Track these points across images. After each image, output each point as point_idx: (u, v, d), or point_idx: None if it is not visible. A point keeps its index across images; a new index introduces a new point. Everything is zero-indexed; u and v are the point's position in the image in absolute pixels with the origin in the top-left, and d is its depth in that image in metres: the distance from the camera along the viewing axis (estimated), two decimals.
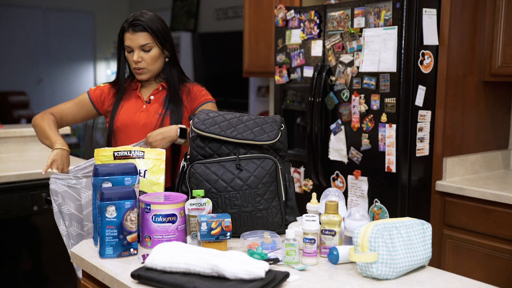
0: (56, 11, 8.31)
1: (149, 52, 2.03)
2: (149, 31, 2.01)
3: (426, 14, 2.51)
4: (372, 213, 2.63)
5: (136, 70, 2.06)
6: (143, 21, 2.01)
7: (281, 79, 3.09)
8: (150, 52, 2.03)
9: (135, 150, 1.72)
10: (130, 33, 2.02)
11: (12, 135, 3.31)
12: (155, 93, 2.12)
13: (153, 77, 2.12)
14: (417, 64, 2.52)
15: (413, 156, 2.56)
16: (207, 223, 1.47)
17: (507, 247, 2.36)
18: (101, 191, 1.47)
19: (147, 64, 2.04)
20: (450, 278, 1.39)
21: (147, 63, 2.04)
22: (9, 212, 2.71)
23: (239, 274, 1.26)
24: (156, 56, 2.05)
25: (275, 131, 1.72)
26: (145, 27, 2.00)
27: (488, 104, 2.81)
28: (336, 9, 2.77)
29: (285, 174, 1.74)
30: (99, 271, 1.45)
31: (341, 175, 2.79)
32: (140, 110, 2.09)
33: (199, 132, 1.71)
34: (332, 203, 1.52)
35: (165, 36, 2.06)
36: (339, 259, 1.45)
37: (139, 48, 2.02)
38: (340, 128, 2.76)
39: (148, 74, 2.07)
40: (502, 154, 2.92)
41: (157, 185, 1.72)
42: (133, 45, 2.02)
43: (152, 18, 2.04)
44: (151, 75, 2.09)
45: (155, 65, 2.07)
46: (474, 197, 2.47)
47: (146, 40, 2.01)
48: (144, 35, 2.01)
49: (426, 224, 1.49)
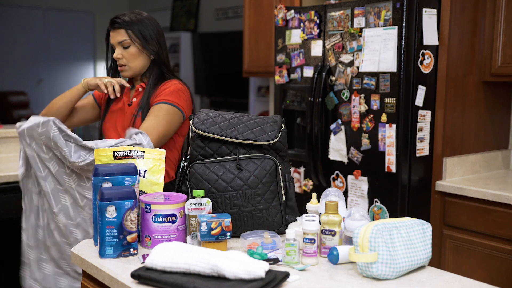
0: (56, 11, 8.31)
1: (127, 49, 2.06)
2: (126, 28, 2.05)
3: (426, 14, 2.51)
4: (372, 213, 2.63)
5: (119, 67, 2.10)
6: (122, 19, 2.06)
7: (281, 79, 3.09)
8: (128, 49, 2.06)
9: (135, 150, 1.72)
10: (111, 31, 2.09)
11: (12, 135, 3.31)
12: (136, 95, 2.13)
13: (137, 75, 2.13)
14: (417, 64, 2.52)
15: (413, 156, 2.56)
16: (207, 223, 1.47)
17: (507, 247, 2.36)
18: (101, 191, 1.47)
19: (127, 60, 2.07)
20: (450, 278, 1.39)
21: (127, 60, 2.07)
22: (9, 212, 2.71)
23: (239, 274, 1.26)
24: (135, 53, 2.06)
25: (275, 131, 1.72)
26: (122, 24, 2.05)
27: (488, 104, 2.81)
28: (336, 9, 2.77)
29: (285, 174, 1.74)
30: (99, 271, 1.45)
31: (341, 175, 2.79)
32: (123, 111, 2.12)
33: (199, 132, 1.71)
34: (332, 203, 1.52)
35: (146, 37, 2.06)
36: (339, 259, 1.45)
37: (118, 44, 2.07)
38: (340, 128, 2.76)
39: (130, 71, 2.09)
40: (502, 154, 2.92)
41: (157, 185, 1.72)
42: (113, 42, 2.08)
43: (135, 17, 2.07)
44: (133, 72, 2.10)
45: (136, 62, 2.08)
46: (474, 197, 2.47)
47: (123, 36, 2.05)
48: (122, 32, 2.05)
49: (426, 224, 1.48)
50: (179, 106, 2.01)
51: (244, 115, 1.78)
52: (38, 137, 1.80)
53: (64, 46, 8.41)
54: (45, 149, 1.81)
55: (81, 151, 1.78)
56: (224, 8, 6.61)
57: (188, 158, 1.75)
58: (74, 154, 1.77)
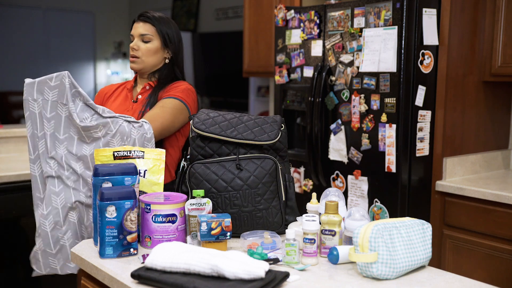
0: (56, 11, 8.31)
1: (147, 44, 2.08)
2: (154, 24, 2.08)
3: (426, 14, 2.51)
4: (372, 213, 2.63)
5: (131, 58, 2.11)
6: (152, 16, 2.09)
7: (281, 79, 3.09)
8: (148, 44, 2.08)
9: (135, 150, 1.72)
10: (137, 22, 2.11)
11: (12, 135, 3.31)
12: (142, 92, 2.14)
13: (145, 72, 2.13)
14: (417, 64, 2.52)
15: (413, 156, 2.56)
16: (207, 223, 1.47)
17: (507, 247, 2.36)
18: (101, 191, 1.47)
19: (142, 53, 2.08)
20: (450, 278, 1.39)
21: (142, 53, 2.07)
22: (9, 212, 2.71)
23: (239, 274, 1.26)
24: (152, 49, 2.08)
25: (275, 131, 1.72)
26: (151, 20, 2.08)
27: (488, 104, 2.81)
28: (336, 9, 2.77)
29: (285, 174, 1.74)
30: (99, 271, 1.45)
31: (341, 175, 2.79)
32: (127, 109, 2.11)
33: (199, 132, 1.71)
34: (332, 203, 1.52)
35: (170, 37, 2.10)
36: (339, 259, 1.45)
37: (139, 37, 2.08)
38: (340, 128, 2.76)
39: (140, 65, 2.09)
40: (502, 154, 2.92)
41: (157, 185, 1.72)
42: (135, 33, 2.09)
43: (163, 17, 2.12)
44: (143, 67, 2.10)
45: (150, 59, 2.09)
46: (474, 197, 2.47)
47: (147, 31, 2.07)
48: (147, 26, 2.08)
49: (426, 224, 1.49)
50: (187, 104, 2.03)
51: (244, 115, 1.78)
52: (50, 92, 1.73)
53: (64, 46, 8.41)
54: (50, 108, 1.74)
55: (86, 113, 1.74)
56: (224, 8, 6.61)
57: (188, 158, 1.75)
58: (79, 113, 1.72)
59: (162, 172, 1.73)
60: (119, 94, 2.18)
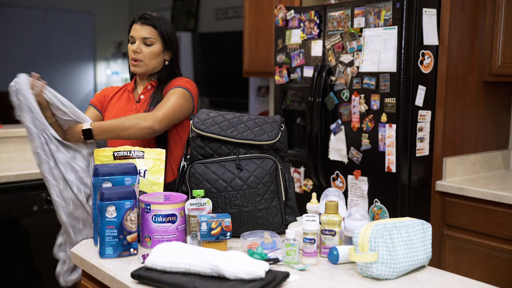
0: (56, 11, 8.31)
1: (149, 47, 2.07)
2: (156, 27, 2.07)
3: (426, 14, 2.51)
4: (372, 213, 2.63)
5: (133, 61, 2.09)
6: (153, 17, 2.08)
7: (281, 79, 3.09)
8: (150, 47, 2.07)
9: (135, 150, 1.72)
10: (137, 24, 2.08)
11: (12, 135, 3.31)
12: (144, 92, 2.14)
13: (147, 75, 2.13)
14: (417, 64, 2.52)
15: (413, 156, 2.56)
16: (207, 223, 1.47)
17: (507, 247, 2.36)
18: (101, 191, 1.47)
19: (144, 57, 2.07)
20: (450, 278, 1.39)
21: (145, 57, 2.07)
22: (9, 212, 2.71)
23: (239, 274, 1.26)
24: (155, 52, 2.07)
25: (275, 131, 1.72)
26: (153, 22, 2.07)
27: (488, 104, 2.81)
28: (336, 9, 2.77)
29: (285, 174, 1.74)
30: (99, 271, 1.45)
31: (341, 175, 2.79)
32: (130, 109, 2.11)
33: (199, 132, 1.71)
34: (332, 203, 1.52)
35: (170, 38, 2.10)
36: (339, 259, 1.45)
37: (141, 40, 2.06)
38: (340, 128, 2.76)
39: (143, 68, 2.09)
40: (502, 154, 2.92)
41: (157, 185, 1.72)
42: (136, 36, 2.07)
43: (162, 18, 2.11)
44: (145, 70, 2.10)
45: (152, 62, 2.09)
46: (474, 197, 2.47)
47: (150, 34, 2.06)
48: (150, 29, 2.06)
49: (426, 224, 1.49)
50: (191, 92, 2.06)
51: (244, 115, 1.78)
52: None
53: (64, 46, 8.40)
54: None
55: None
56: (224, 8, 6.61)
57: (188, 158, 1.75)
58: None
59: (162, 172, 1.73)
60: (120, 96, 2.18)
